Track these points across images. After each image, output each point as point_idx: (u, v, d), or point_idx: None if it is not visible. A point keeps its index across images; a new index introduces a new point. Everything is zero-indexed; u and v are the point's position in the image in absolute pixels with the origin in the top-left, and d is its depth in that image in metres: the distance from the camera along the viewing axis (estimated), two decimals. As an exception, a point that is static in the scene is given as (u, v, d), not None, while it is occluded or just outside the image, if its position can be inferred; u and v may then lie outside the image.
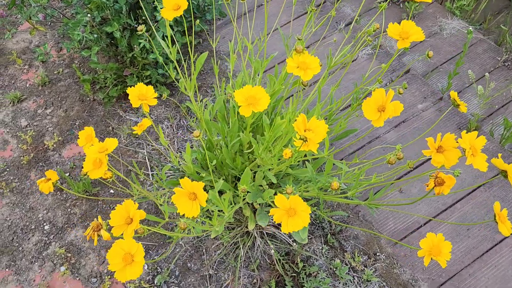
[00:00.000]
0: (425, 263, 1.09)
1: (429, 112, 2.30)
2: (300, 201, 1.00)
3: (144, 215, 1.05)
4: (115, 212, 1.04)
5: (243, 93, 1.13)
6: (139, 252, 0.96)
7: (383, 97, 1.10)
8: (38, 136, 2.20)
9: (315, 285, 1.71)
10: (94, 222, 1.03)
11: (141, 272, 0.95)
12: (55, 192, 2.03)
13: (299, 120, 1.02)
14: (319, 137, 1.02)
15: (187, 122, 2.23)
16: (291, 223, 1.02)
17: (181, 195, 1.03)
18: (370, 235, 1.90)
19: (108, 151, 1.15)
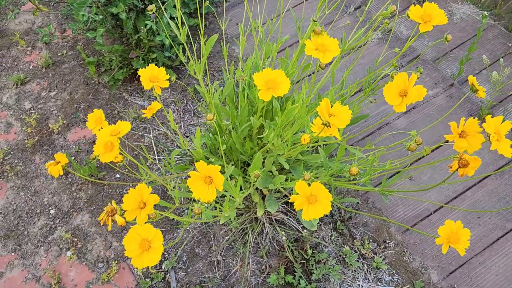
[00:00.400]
0: (443, 251, 1.06)
1: (440, 98, 2.26)
2: (322, 188, 0.97)
3: (158, 199, 1.02)
4: (128, 196, 1.01)
5: (262, 76, 1.09)
6: (157, 238, 0.93)
7: (405, 81, 1.06)
8: (42, 119, 2.17)
9: (324, 272, 1.69)
10: (108, 207, 1.00)
11: (159, 259, 0.93)
12: (61, 176, 2.00)
13: (322, 105, 0.99)
14: (343, 122, 0.98)
15: (194, 107, 2.19)
16: (312, 211, 0.99)
17: (196, 179, 1.00)
18: (379, 223, 1.88)
19: (120, 135, 1.12)
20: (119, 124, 1.15)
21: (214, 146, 1.79)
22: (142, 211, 1.02)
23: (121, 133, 1.13)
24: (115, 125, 1.15)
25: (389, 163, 1.43)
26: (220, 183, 0.99)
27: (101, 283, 1.74)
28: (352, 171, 1.15)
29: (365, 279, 1.72)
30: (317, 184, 0.99)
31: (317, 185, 0.99)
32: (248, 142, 1.68)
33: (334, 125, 0.99)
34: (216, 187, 1.00)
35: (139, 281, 1.73)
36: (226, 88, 1.74)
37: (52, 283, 1.73)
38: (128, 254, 0.96)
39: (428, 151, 1.27)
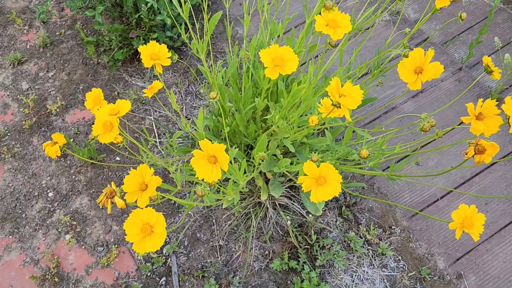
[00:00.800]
0: (457, 236, 1.02)
1: (448, 82, 2.20)
2: (332, 169, 0.93)
3: (160, 181, 0.97)
4: (129, 177, 0.97)
5: (269, 53, 1.04)
6: (159, 223, 0.89)
7: (421, 58, 1.01)
8: (40, 100, 2.11)
9: (328, 258, 1.66)
10: (108, 189, 0.96)
11: (161, 244, 0.88)
12: (59, 159, 1.95)
13: (333, 84, 0.93)
14: (354, 103, 0.93)
15: (196, 88, 2.14)
16: (321, 192, 0.95)
17: (200, 158, 0.95)
18: (385, 208, 1.84)
19: (120, 114, 1.07)
20: (119, 103, 1.09)
21: (217, 128, 1.73)
22: (144, 193, 0.98)
23: (120, 112, 1.08)
24: (114, 104, 1.10)
25: (399, 147, 1.38)
26: (226, 163, 0.94)
27: (101, 267, 1.71)
28: (362, 154, 1.11)
29: (370, 265, 1.69)
30: (326, 164, 0.94)
31: (327, 165, 0.94)
32: (252, 124, 1.63)
33: (345, 105, 0.94)
34: (221, 167, 0.95)
35: (140, 265, 1.70)
36: (229, 68, 1.68)
37: (51, 266, 1.70)
38: (129, 239, 0.91)
39: (441, 134, 1.23)
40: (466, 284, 1.69)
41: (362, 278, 1.66)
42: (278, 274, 1.67)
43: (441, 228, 1.81)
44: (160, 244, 0.91)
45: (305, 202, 1.72)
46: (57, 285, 1.67)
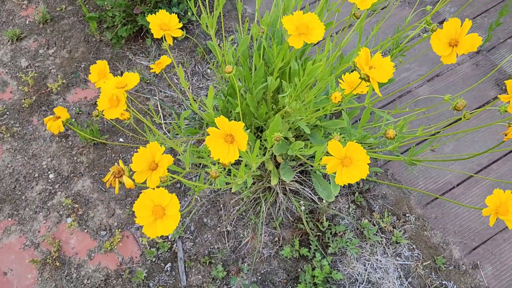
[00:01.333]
0: (491, 223, 0.94)
1: (465, 66, 2.12)
2: (359, 148, 0.85)
3: (172, 160, 0.89)
4: (138, 155, 0.89)
5: (293, 20, 0.96)
6: (172, 204, 0.82)
7: (456, 29, 0.93)
8: (40, 78, 2.02)
9: (341, 246, 1.59)
10: (115, 167, 0.88)
11: (174, 228, 0.81)
12: (60, 139, 1.87)
13: (361, 55, 0.85)
14: (385, 75, 0.85)
15: (202, 68, 2.05)
16: (346, 174, 0.87)
17: (216, 137, 0.88)
18: (399, 195, 1.77)
19: (127, 87, 0.99)
20: (126, 76, 1.02)
21: (226, 109, 1.65)
22: (154, 173, 0.90)
23: (128, 85, 1.00)
24: (122, 77, 1.02)
25: (421, 130, 1.30)
26: (244, 142, 0.86)
27: (104, 252, 1.64)
28: (389, 134, 1.03)
29: (384, 254, 1.63)
30: (353, 144, 0.87)
31: (353, 145, 0.86)
32: (264, 105, 1.55)
33: (374, 78, 0.85)
34: (239, 147, 0.88)
35: (144, 250, 1.63)
36: (240, 45, 1.59)
37: (52, 250, 1.63)
38: (139, 222, 0.84)
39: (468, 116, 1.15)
40: (482, 274, 1.63)
41: (375, 266, 1.60)
42: (288, 262, 1.61)
43: (457, 216, 1.74)
44: (173, 228, 0.84)
45: (317, 187, 1.64)
46: (58, 269, 1.61)
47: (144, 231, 0.85)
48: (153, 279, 1.60)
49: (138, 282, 1.59)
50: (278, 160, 1.70)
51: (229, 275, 1.58)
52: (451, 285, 1.59)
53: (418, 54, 2.12)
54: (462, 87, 2.05)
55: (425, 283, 1.58)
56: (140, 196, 0.85)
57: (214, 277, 1.58)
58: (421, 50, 2.16)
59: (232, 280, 1.53)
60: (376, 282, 1.56)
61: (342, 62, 1.53)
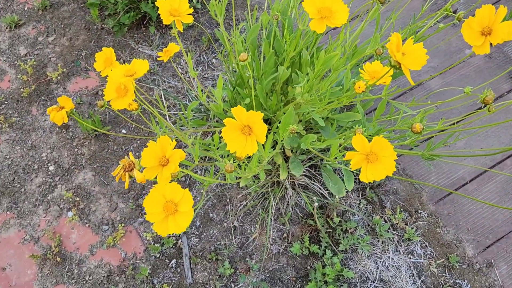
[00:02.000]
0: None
1: (478, 58, 2.06)
2: (386, 143, 0.80)
3: (184, 155, 0.84)
4: (148, 150, 0.83)
5: (314, 3, 0.89)
6: (185, 200, 0.76)
7: (490, 16, 0.86)
8: (39, 66, 1.95)
9: (352, 243, 1.54)
10: (125, 160, 0.82)
11: (187, 225, 0.75)
12: (60, 130, 1.81)
13: (393, 41, 0.79)
14: (418, 62, 0.79)
15: (208, 58, 1.98)
16: (372, 171, 0.81)
17: (232, 128, 0.82)
18: (410, 191, 1.71)
19: (136, 75, 0.93)
20: (135, 63, 0.95)
21: (234, 100, 1.59)
22: (165, 168, 0.84)
23: (137, 73, 0.94)
24: (130, 64, 0.95)
25: (441, 123, 1.25)
26: (263, 134, 0.80)
27: (106, 247, 1.59)
28: (416, 128, 0.97)
29: (396, 251, 1.58)
30: (379, 139, 0.81)
31: (379, 140, 0.81)
32: (274, 96, 1.49)
33: (406, 65, 0.79)
34: (257, 139, 0.82)
35: (148, 246, 1.58)
36: (250, 33, 1.52)
37: (52, 245, 1.58)
38: (149, 218, 0.78)
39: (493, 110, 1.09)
40: (497, 273, 1.58)
41: (387, 264, 1.55)
42: (297, 259, 1.56)
43: (470, 213, 1.69)
44: (185, 225, 0.78)
45: (327, 182, 1.59)
46: (59, 265, 1.56)
47: (155, 228, 0.79)
48: (158, 276, 1.54)
49: (142, 279, 1.53)
50: (287, 154, 1.64)
51: (236, 272, 1.53)
52: (465, 284, 1.54)
53: (430, 46, 2.06)
54: (474, 79, 1.99)
55: (438, 282, 1.54)
56: (151, 191, 0.79)
57: (221, 274, 1.53)
58: (432, 41, 2.10)
59: (241, 278, 1.48)
60: (388, 281, 1.51)
61: (357, 52, 1.47)
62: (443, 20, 2.18)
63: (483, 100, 0.97)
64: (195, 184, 1.68)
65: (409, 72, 0.79)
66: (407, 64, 0.78)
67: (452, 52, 2.08)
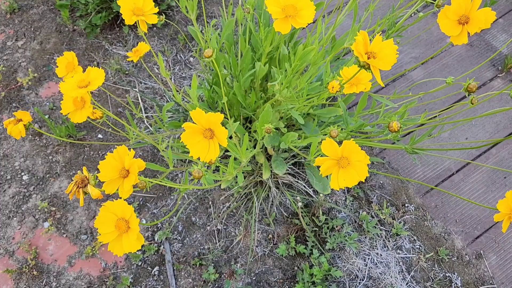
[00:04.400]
0: (503, 229, 0.84)
1: (459, 47, 2.03)
2: (356, 148, 0.75)
3: (144, 165, 0.78)
4: (105, 162, 0.77)
5: (278, 1, 0.84)
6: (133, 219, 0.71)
7: (467, 4, 0.83)
8: (9, 72, 1.87)
9: (339, 241, 1.51)
10: (78, 176, 0.76)
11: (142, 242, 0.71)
12: (33, 138, 1.74)
13: (359, 40, 0.74)
14: (387, 62, 0.74)
15: (185, 57, 1.92)
16: (343, 177, 0.77)
17: (193, 133, 0.77)
18: (397, 185, 1.68)
19: (91, 87, 0.85)
20: (89, 72, 0.88)
21: (212, 99, 1.54)
22: (125, 180, 0.79)
23: (92, 84, 0.86)
24: (84, 73, 0.89)
25: (423, 116, 1.21)
26: (224, 137, 0.75)
27: (85, 257, 1.53)
28: (393, 127, 0.93)
29: (384, 247, 1.55)
30: (349, 143, 0.76)
31: (350, 144, 0.76)
32: (253, 93, 1.44)
33: (376, 66, 0.75)
34: (220, 142, 0.77)
35: (129, 254, 1.52)
36: (224, 29, 1.47)
37: (28, 258, 1.51)
38: (103, 239, 0.74)
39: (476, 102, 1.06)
40: (486, 264, 1.56)
41: (375, 261, 1.51)
42: (284, 260, 1.52)
43: (457, 204, 1.67)
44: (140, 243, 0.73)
45: (311, 179, 1.55)
46: (36, 278, 1.49)
47: (110, 249, 0.74)
48: (140, 285, 1.49)
49: (123, 289, 1.48)
50: (269, 152, 1.60)
51: (221, 277, 1.48)
52: (455, 277, 1.52)
53: (411, 36, 2.03)
54: (457, 68, 1.97)
55: (428, 276, 1.51)
56: (101, 210, 0.74)
57: (205, 280, 1.48)
58: (413, 31, 2.07)
59: (226, 284, 1.43)
60: (377, 278, 1.48)
61: (336, 45, 1.42)
62: (423, 10, 2.15)
63: (467, 88, 0.93)
64: (177, 189, 1.62)
65: (378, 73, 0.75)
66: (376, 64, 0.74)
67: (433, 41, 2.05)
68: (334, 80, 0.91)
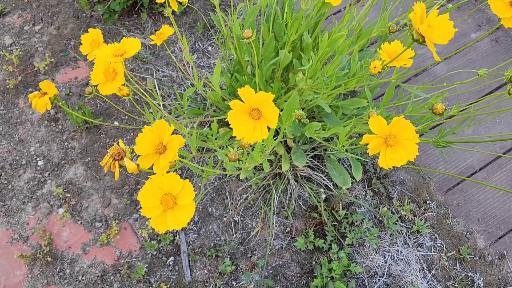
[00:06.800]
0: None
1: (484, 42, 1.98)
2: (407, 125, 0.72)
3: (183, 141, 0.75)
4: (142, 136, 0.75)
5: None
6: (186, 193, 0.67)
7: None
8: (26, 56, 1.85)
9: (359, 236, 1.47)
10: (115, 148, 0.73)
11: (188, 220, 0.67)
12: (49, 123, 1.72)
13: (417, 10, 0.70)
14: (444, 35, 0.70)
15: (203, 46, 1.89)
16: (391, 155, 0.74)
17: (240, 112, 0.73)
18: (418, 181, 1.64)
19: (127, 55, 0.84)
20: (125, 42, 0.86)
21: (232, 87, 1.50)
22: (162, 156, 0.76)
23: (127, 53, 0.85)
24: (120, 43, 0.87)
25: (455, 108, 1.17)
26: (275, 118, 0.72)
27: (100, 245, 1.50)
28: (438, 109, 0.89)
29: (404, 244, 1.51)
30: (400, 120, 0.73)
31: (400, 121, 0.73)
32: (276, 82, 1.40)
33: (432, 39, 0.71)
34: (268, 124, 0.73)
35: (144, 243, 1.49)
36: (248, 17, 1.43)
37: (42, 244, 1.49)
38: (145, 213, 0.70)
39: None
40: (509, 265, 1.51)
41: (395, 258, 1.47)
42: (301, 254, 1.48)
43: (480, 203, 1.62)
44: (186, 220, 0.70)
45: (331, 173, 1.51)
46: (49, 265, 1.47)
47: (151, 224, 0.71)
48: (155, 275, 1.46)
49: (138, 278, 1.45)
50: (289, 144, 1.56)
51: (237, 269, 1.45)
52: (477, 277, 1.47)
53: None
54: (481, 64, 1.92)
55: (449, 275, 1.47)
56: (146, 182, 0.71)
57: (221, 272, 1.45)
58: (437, 25, 2.02)
59: (246, 276, 1.40)
60: (397, 275, 1.44)
61: (362, 34, 1.38)
62: (447, 4, 2.10)
63: (510, 78, 0.89)
64: (192, 178, 1.59)
65: (433, 47, 0.71)
66: (432, 37, 0.70)
67: (457, 36, 2.00)
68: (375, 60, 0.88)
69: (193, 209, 0.71)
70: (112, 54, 0.82)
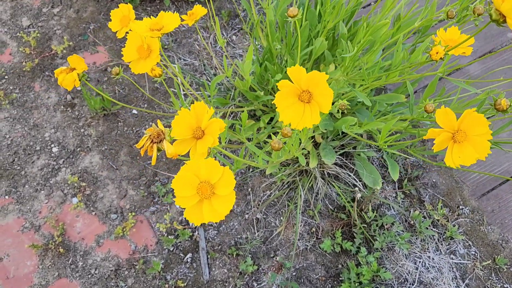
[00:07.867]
0: None
1: (521, 42, 1.89)
2: (480, 119, 0.63)
3: (224, 126, 0.67)
4: (179, 118, 0.67)
5: None
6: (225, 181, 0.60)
7: None
8: (43, 39, 1.78)
9: (389, 240, 1.38)
10: (153, 129, 0.66)
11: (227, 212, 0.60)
12: (65, 108, 1.65)
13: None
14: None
15: (228, 35, 1.81)
16: (458, 152, 0.66)
17: (287, 94, 0.66)
18: (451, 184, 1.55)
19: (165, 30, 0.76)
20: (162, 17, 0.79)
21: (261, 77, 1.43)
22: (199, 142, 0.68)
23: (165, 28, 0.77)
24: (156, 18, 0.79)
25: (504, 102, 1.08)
26: (328, 101, 0.64)
27: (114, 238, 1.43)
28: (502, 105, 0.81)
29: (436, 251, 1.42)
30: (471, 113, 0.65)
31: (472, 114, 0.65)
32: (309, 72, 1.32)
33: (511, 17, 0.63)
34: (320, 108, 0.65)
35: (161, 238, 1.42)
36: (281, 4, 1.35)
37: (55, 234, 1.42)
38: (180, 203, 0.62)
39: None
40: (547, 277, 1.42)
41: (427, 265, 1.39)
42: (327, 256, 1.40)
43: (516, 210, 1.53)
44: (225, 212, 0.62)
45: (361, 172, 1.43)
46: (61, 256, 1.40)
47: (186, 216, 0.63)
48: (171, 271, 1.39)
49: (153, 274, 1.38)
50: (317, 139, 1.48)
51: (259, 269, 1.37)
52: (514, 288, 1.39)
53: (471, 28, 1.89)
54: (518, 65, 1.82)
55: (484, 286, 1.38)
56: (182, 169, 0.63)
57: (242, 272, 1.37)
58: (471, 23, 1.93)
59: (272, 277, 1.32)
60: (429, 284, 1.35)
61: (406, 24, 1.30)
62: (484, 0, 2.00)
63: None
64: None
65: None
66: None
67: (493, 35, 1.90)
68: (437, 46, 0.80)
69: (233, 200, 0.64)
70: (149, 29, 0.74)
